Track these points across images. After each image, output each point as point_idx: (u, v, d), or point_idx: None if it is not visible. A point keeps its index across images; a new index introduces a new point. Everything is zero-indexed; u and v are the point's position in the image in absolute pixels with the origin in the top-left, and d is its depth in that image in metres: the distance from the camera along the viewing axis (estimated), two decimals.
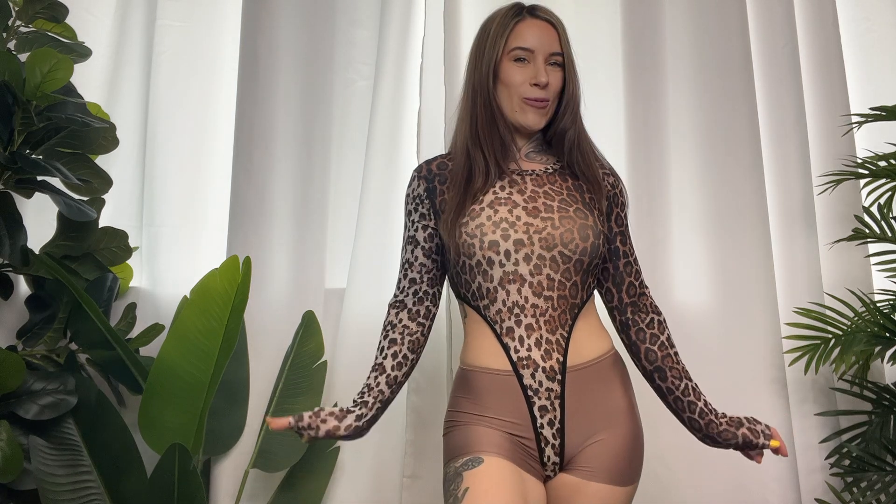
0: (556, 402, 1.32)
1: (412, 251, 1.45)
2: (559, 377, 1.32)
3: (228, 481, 1.92)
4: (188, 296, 1.76)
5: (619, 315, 1.44)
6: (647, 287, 1.46)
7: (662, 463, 1.95)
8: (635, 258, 1.46)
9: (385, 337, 1.42)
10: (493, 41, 1.41)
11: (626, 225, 1.46)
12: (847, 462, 1.87)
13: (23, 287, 1.95)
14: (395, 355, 1.40)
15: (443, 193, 1.42)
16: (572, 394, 1.33)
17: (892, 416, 1.86)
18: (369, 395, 1.37)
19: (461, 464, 1.31)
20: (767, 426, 1.38)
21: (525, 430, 1.33)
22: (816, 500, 1.89)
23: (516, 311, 1.33)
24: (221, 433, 1.90)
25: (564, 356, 1.33)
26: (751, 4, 2.12)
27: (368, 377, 1.40)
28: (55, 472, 1.66)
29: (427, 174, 1.46)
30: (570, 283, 1.34)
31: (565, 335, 1.34)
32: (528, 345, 1.32)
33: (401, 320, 1.43)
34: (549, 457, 1.34)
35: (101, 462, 1.71)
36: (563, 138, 1.42)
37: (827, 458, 1.93)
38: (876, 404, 1.88)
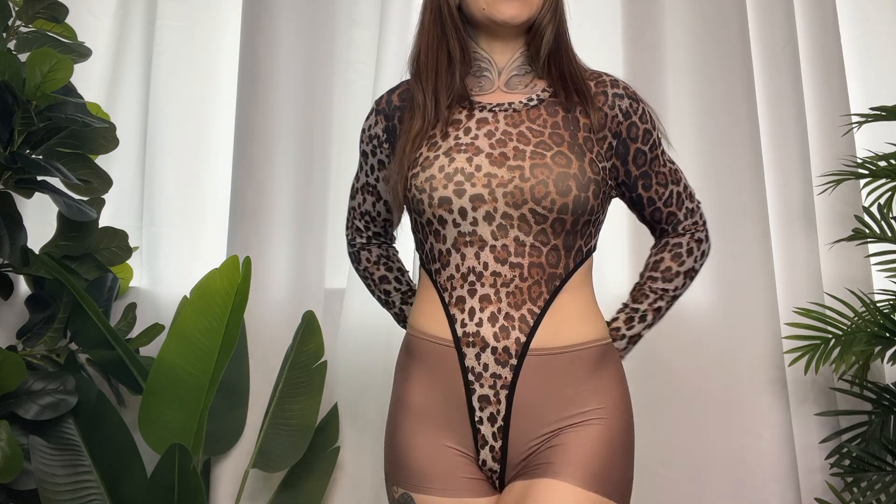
0: (503, 394, 1.09)
1: (373, 204, 1.30)
2: (513, 362, 1.09)
3: (228, 481, 1.92)
4: (188, 296, 1.76)
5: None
6: (684, 218, 1.24)
7: (662, 463, 1.94)
8: (668, 198, 1.21)
9: (389, 270, 1.35)
10: None
11: (653, 158, 1.19)
12: (847, 462, 1.87)
13: (23, 287, 1.95)
14: (398, 289, 1.35)
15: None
16: (527, 384, 1.09)
17: (892, 416, 1.86)
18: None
19: (398, 498, 1.18)
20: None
21: (461, 427, 1.12)
22: (816, 500, 1.89)
23: (471, 278, 1.10)
24: (221, 433, 1.90)
25: (529, 336, 1.09)
26: (751, 4, 2.11)
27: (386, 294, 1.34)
28: (55, 472, 1.66)
29: (386, 107, 1.23)
30: (548, 248, 1.10)
31: (536, 311, 1.10)
32: (479, 318, 1.09)
33: (383, 252, 1.37)
34: (484, 461, 1.12)
35: (101, 462, 1.70)
36: (541, 41, 1.16)
37: (827, 458, 1.93)
38: (876, 404, 1.88)
